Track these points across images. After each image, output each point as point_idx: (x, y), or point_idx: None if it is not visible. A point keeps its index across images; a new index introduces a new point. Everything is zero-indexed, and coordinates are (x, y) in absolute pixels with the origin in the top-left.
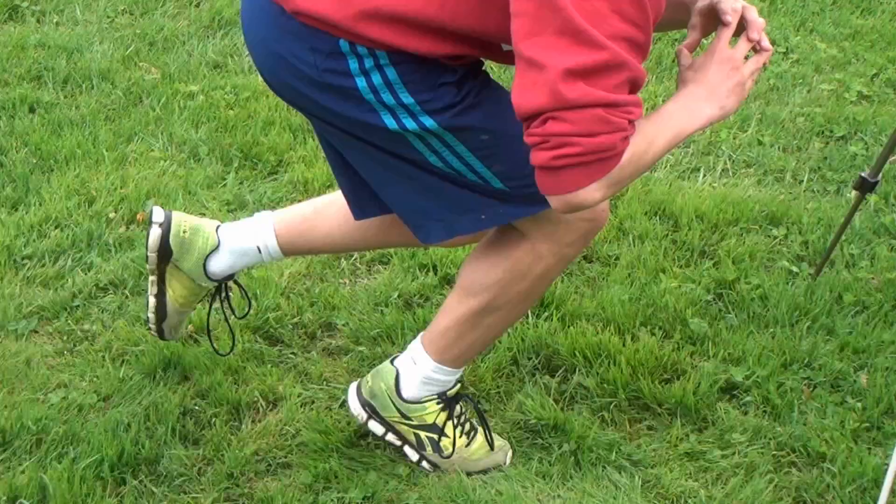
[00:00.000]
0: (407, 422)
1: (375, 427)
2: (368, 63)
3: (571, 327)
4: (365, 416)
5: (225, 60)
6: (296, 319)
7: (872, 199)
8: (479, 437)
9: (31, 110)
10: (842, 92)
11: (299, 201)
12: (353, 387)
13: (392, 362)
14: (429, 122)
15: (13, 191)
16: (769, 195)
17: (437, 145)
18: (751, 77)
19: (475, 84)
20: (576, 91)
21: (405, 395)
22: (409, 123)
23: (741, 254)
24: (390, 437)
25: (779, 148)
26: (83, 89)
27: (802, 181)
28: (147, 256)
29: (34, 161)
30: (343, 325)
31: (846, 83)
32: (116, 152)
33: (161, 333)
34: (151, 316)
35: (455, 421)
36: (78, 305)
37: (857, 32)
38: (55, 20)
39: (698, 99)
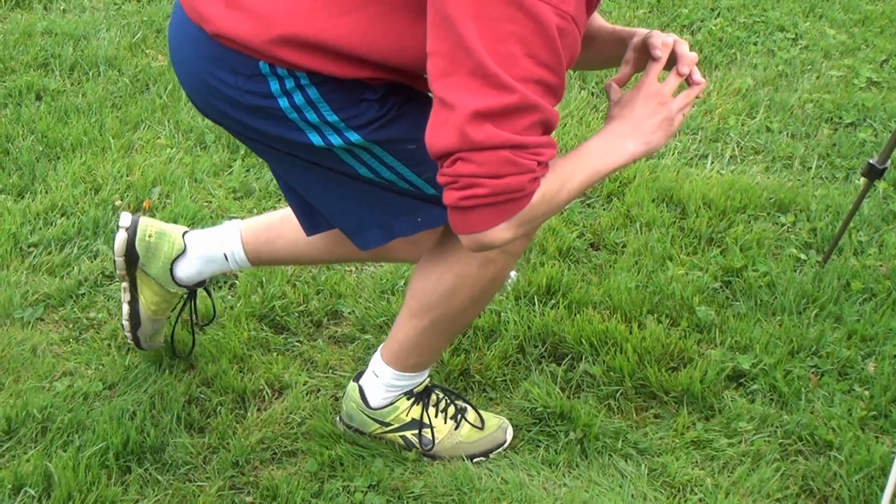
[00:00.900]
0: (389, 429)
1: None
2: (289, 84)
3: (578, 315)
4: (356, 435)
5: None
6: (302, 307)
7: (881, 185)
8: (466, 421)
9: (38, 98)
10: (851, 78)
11: None
12: (338, 418)
13: (355, 381)
14: (354, 136)
15: (19, 178)
16: (777, 182)
17: (365, 157)
18: (680, 112)
19: (399, 97)
20: (483, 133)
21: (372, 404)
22: (335, 140)
23: (749, 241)
24: (385, 443)
25: (787, 134)
26: (90, 77)
27: (811, 168)
28: (115, 261)
29: (40, 149)
30: (349, 312)
31: (855, 69)
32: (123, 140)
33: (137, 342)
34: (126, 324)
35: (434, 409)
36: (84, 293)
37: (866, 18)
38: (62, 7)
39: (621, 135)
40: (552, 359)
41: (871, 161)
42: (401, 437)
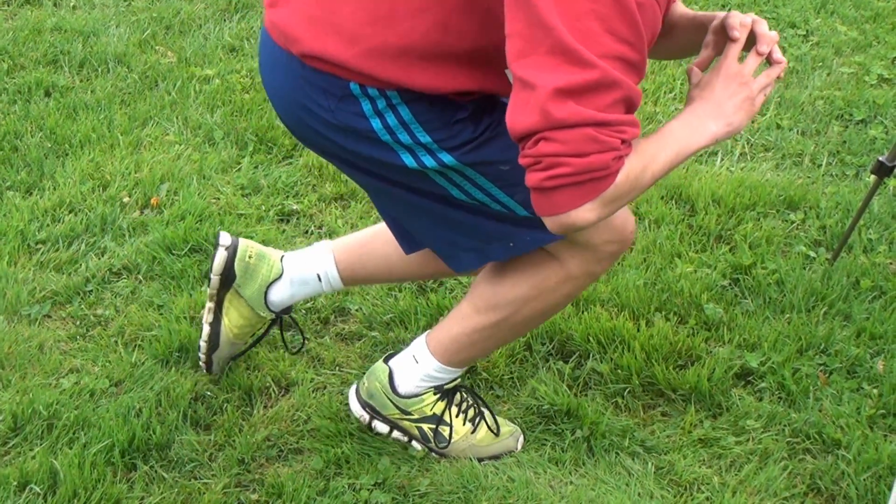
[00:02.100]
0: (408, 417)
1: (380, 427)
2: (381, 104)
3: (585, 313)
4: (367, 417)
5: (241, 44)
6: (309, 304)
7: (891, 183)
8: (484, 425)
9: (47, 94)
10: (862, 75)
11: (313, 186)
12: (352, 390)
13: (385, 361)
14: (447, 158)
15: (28, 175)
16: (787, 179)
17: (458, 179)
18: (761, 92)
19: (492, 118)
20: (565, 110)
21: (401, 390)
22: (429, 161)
23: (758, 238)
24: (396, 434)
25: (797, 131)
26: (99, 73)
27: (821, 165)
28: (210, 280)
29: (49, 145)
30: (356, 310)
31: (866, 66)
32: (131, 136)
33: (209, 365)
34: (203, 345)
35: (456, 409)
36: (91, 290)
37: (878, 15)
38: (72, 4)
39: (703, 116)
40: (559, 356)
41: (880, 158)
42: (417, 427)
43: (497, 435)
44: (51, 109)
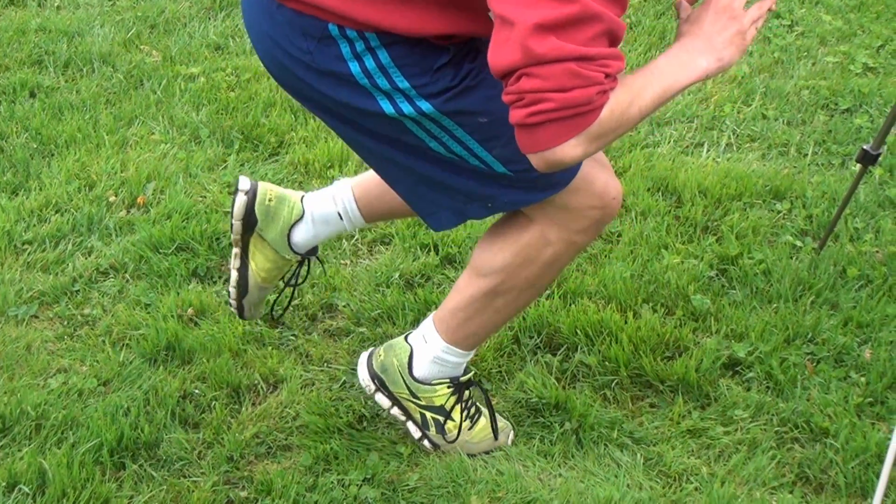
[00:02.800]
0: (415, 400)
1: (382, 400)
2: (360, 46)
3: (573, 305)
4: (373, 387)
5: (226, 42)
6: (297, 301)
7: (877, 172)
8: (482, 421)
9: (32, 95)
10: (847, 64)
11: (300, 182)
12: (363, 357)
13: (406, 339)
14: (425, 105)
15: (13, 176)
16: (773, 169)
17: (435, 130)
18: (752, 25)
19: (473, 66)
20: (546, 45)
21: (416, 374)
22: (406, 108)
23: (744, 229)
24: (395, 411)
25: (783, 121)
26: (84, 73)
27: (807, 154)
28: (232, 225)
29: (34, 146)
30: (344, 306)
31: (851, 55)
32: (117, 136)
33: (241, 311)
34: (232, 291)
35: (463, 405)
36: (78, 290)
37: (862, 4)
38: (56, 4)
39: (693, 51)
40: (547, 349)
41: (865, 147)
42: (420, 412)
43: (496, 438)
44: (36, 110)
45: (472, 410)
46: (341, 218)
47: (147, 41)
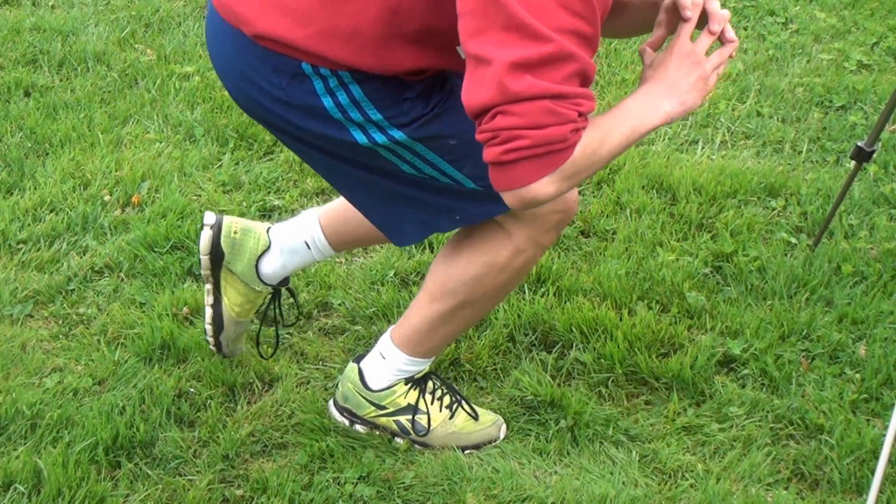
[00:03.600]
0: (383, 412)
1: (360, 429)
2: (333, 82)
3: (568, 303)
4: (347, 422)
5: None
6: (292, 300)
7: (872, 168)
8: (462, 411)
9: (27, 94)
10: (841, 61)
11: (295, 181)
12: (331, 401)
13: (356, 362)
14: (398, 134)
15: (8, 175)
16: (768, 166)
17: (407, 155)
18: (714, 71)
19: (441, 94)
20: (522, 83)
21: (373, 386)
22: (379, 137)
23: (739, 226)
24: (378, 431)
25: (778, 119)
26: (78, 72)
27: (801, 152)
28: (200, 260)
29: (29, 145)
30: (339, 304)
31: (846, 52)
32: (112, 135)
33: (219, 347)
34: (208, 328)
35: (430, 396)
36: (73, 289)
37: (856, 1)
38: (51, 3)
39: (657, 95)
40: (542, 347)
41: (860, 144)
42: (394, 421)
43: (476, 419)
44: (30, 109)
45: (448, 400)
46: (309, 247)
47: (141, 40)
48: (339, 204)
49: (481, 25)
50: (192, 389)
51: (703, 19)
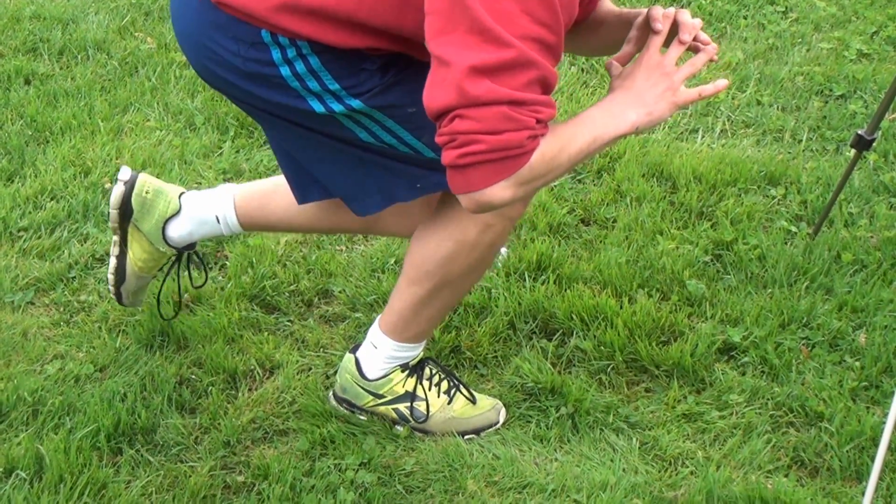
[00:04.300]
0: (382, 401)
1: (362, 417)
2: (291, 52)
3: (568, 290)
4: (348, 412)
5: None
6: (292, 287)
7: (872, 157)
8: (461, 396)
9: (27, 82)
10: (841, 50)
11: None
12: (330, 393)
13: (352, 352)
14: (355, 103)
15: (9, 163)
16: (768, 155)
17: (366, 122)
18: (682, 81)
19: (398, 65)
20: (480, 88)
21: (369, 375)
22: (337, 106)
23: (739, 214)
24: (377, 420)
25: (778, 107)
26: (79, 60)
27: (801, 140)
28: (109, 213)
29: (29, 133)
30: (339, 291)
31: (846, 41)
32: (112, 123)
33: (119, 297)
34: (111, 277)
35: (427, 383)
36: (74, 276)
37: None
38: None
39: (623, 104)
40: (543, 334)
41: (859, 132)
42: (393, 409)
43: (474, 402)
44: (31, 97)
45: (445, 385)
46: (218, 222)
47: (142, 28)
48: (258, 191)
49: (446, 27)
50: (193, 376)
51: (674, 32)
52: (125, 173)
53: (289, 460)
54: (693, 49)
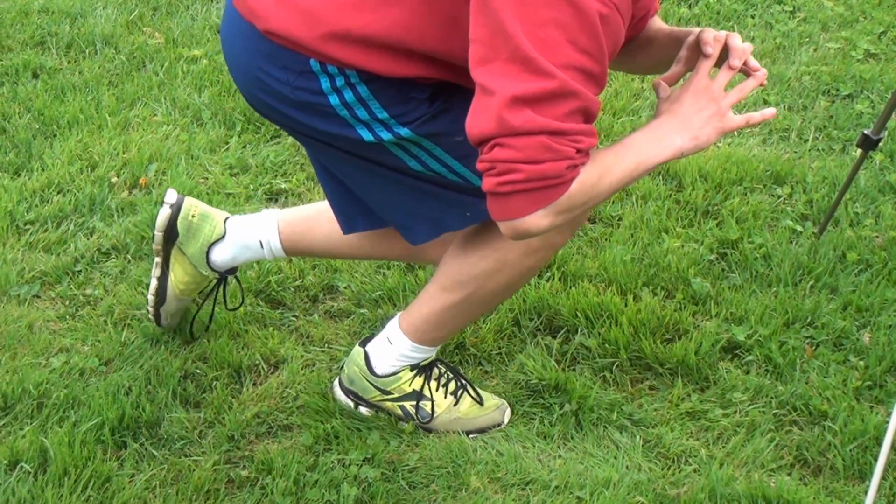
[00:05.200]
0: (388, 397)
1: (365, 411)
2: (339, 81)
3: (573, 288)
4: (352, 404)
5: None
6: (298, 282)
7: (878, 157)
8: (467, 397)
9: (35, 76)
10: (848, 50)
11: (301, 165)
12: (335, 381)
13: (361, 345)
14: (404, 131)
15: (16, 156)
16: (774, 154)
17: (415, 150)
18: (728, 107)
19: (446, 94)
20: (521, 118)
21: (378, 371)
22: (385, 135)
23: (745, 213)
24: (382, 413)
25: (784, 107)
26: (86, 54)
27: (808, 140)
28: (154, 236)
29: (37, 126)
30: (345, 287)
31: (853, 41)
32: (119, 117)
33: (157, 318)
34: (151, 298)
35: (435, 383)
36: (80, 270)
37: None
38: None
39: (669, 129)
40: (547, 332)
41: (865, 132)
42: (399, 406)
43: (481, 404)
44: (38, 91)
45: (453, 386)
46: (262, 247)
47: (150, 23)
48: (302, 217)
49: (488, 55)
50: (197, 370)
51: (724, 56)
52: (171, 196)
53: (292, 455)
54: (743, 73)
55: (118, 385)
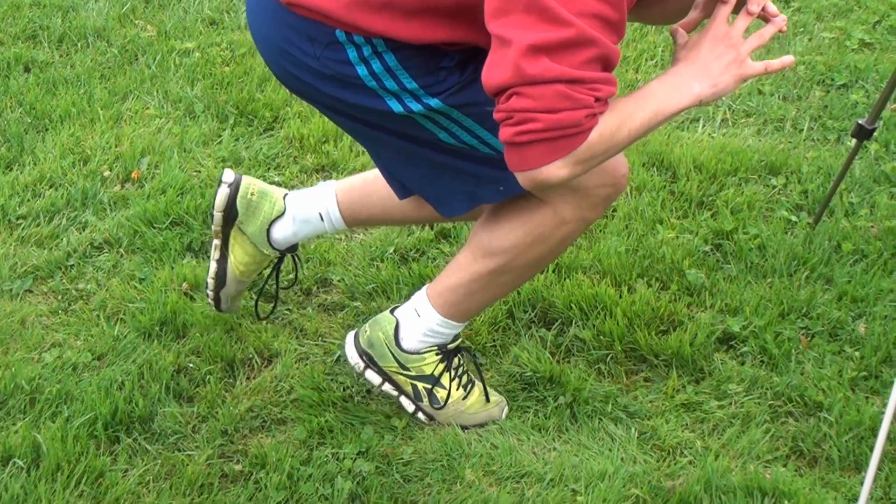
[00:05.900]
0: (405, 372)
1: (372, 377)
2: (367, 51)
3: (568, 280)
4: (362, 365)
5: (221, 17)
6: (291, 275)
7: (873, 147)
8: (476, 391)
9: (26, 69)
10: (843, 40)
11: (295, 157)
12: (350, 336)
13: (392, 312)
14: (434, 101)
15: (7, 150)
16: (769, 144)
17: (445, 122)
18: (748, 53)
19: (476, 63)
20: (537, 67)
21: (405, 345)
22: (415, 106)
23: (739, 204)
24: (387, 387)
25: (779, 97)
26: (78, 48)
27: (802, 130)
28: (213, 216)
29: (29, 120)
30: (338, 280)
31: (847, 31)
32: (111, 111)
33: (217, 302)
34: (210, 282)
35: (452, 373)
36: (72, 265)
37: None
38: None
39: (687, 76)
40: (542, 324)
41: (860, 122)
42: (412, 384)
43: (488, 401)
44: (30, 85)
45: (465, 379)
46: (322, 219)
47: (142, 16)
48: (359, 182)
49: (505, 6)
50: (191, 365)
51: (743, 1)
52: (229, 176)
53: (286, 449)
54: (761, 19)
55: (111, 380)
